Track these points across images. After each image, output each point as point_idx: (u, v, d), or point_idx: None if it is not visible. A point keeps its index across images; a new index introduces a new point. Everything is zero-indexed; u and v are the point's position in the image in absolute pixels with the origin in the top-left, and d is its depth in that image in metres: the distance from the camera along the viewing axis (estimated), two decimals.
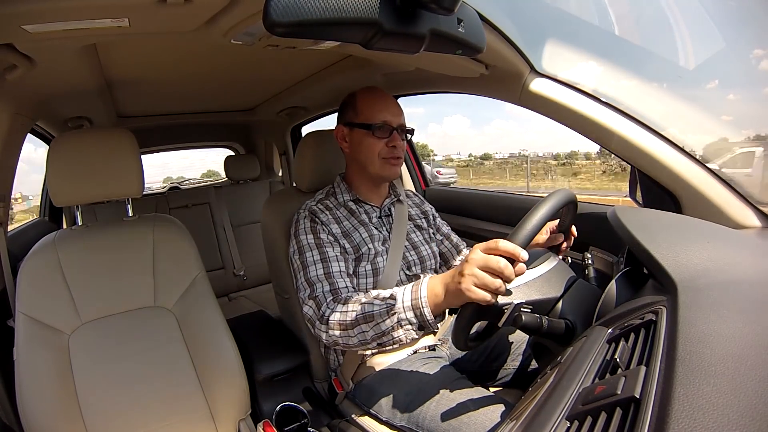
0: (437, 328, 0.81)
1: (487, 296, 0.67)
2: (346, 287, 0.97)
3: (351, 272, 1.03)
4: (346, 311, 0.88)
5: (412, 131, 1.13)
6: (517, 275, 0.67)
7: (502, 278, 0.66)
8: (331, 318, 0.90)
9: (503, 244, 0.67)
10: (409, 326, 0.80)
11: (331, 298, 0.94)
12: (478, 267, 0.67)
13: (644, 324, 0.51)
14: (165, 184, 5.50)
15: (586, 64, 1.05)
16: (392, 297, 0.82)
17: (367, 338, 0.85)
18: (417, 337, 0.82)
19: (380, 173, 1.08)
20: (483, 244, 0.69)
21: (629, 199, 1.08)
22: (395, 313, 0.80)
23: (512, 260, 0.67)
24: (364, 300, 0.87)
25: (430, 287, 0.78)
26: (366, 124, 1.06)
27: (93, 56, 1.02)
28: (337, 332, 0.89)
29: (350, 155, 1.12)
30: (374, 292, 0.89)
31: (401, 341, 0.82)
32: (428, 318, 0.78)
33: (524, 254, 0.66)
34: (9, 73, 0.85)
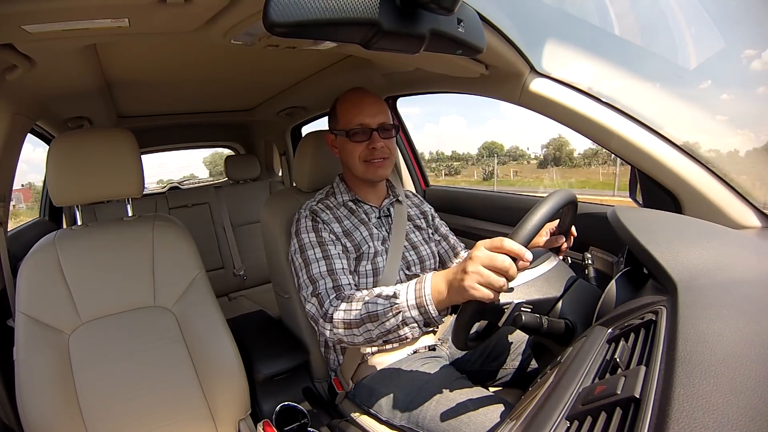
0: (442, 322, 0.81)
1: (490, 294, 0.66)
2: (349, 284, 0.97)
3: (353, 269, 1.04)
4: (350, 310, 0.88)
5: (397, 127, 1.11)
6: (510, 280, 0.67)
7: (506, 277, 0.66)
8: (335, 316, 0.89)
9: (508, 243, 0.66)
10: (414, 324, 0.80)
11: (335, 295, 0.94)
12: (483, 265, 0.67)
13: (644, 324, 0.52)
14: (159, 185, 5.48)
15: (585, 63, 1.05)
16: (395, 295, 0.82)
17: (372, 336, 0.85)
18: (422, 333, 0.82)
19: (365, 176, 1.08)
20: (487, 242, 0.69)
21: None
22: (399, 311, 0.80)
23: (515, 260, 0.67)
24: (367, 298, 0.87)
25: (433, 285, 0.78)
26: (344, 130, 1.07)
27: (93, 56, 1.02)
28: (341, 330, 0.88)
29: (340, 160, 1.14)
30: (377, 290, 0.88)
31: (407, 338, 0.82)
32: (433, 315, 0.78)
33: (528, 254, 0.66)
34: (9, 73, 0.85)
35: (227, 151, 3.10)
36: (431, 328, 0.84)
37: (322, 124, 2.40)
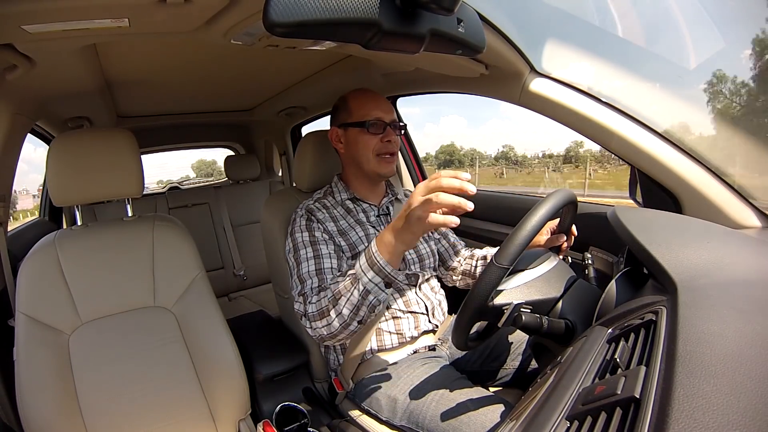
0: (401, 278, 0.81)
1: (445, 219, 0.68)
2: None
3: (344, 270, 1.03)
4: (320, 299, 0.89)
5: (405, 126, 1.15)
6: (463, 193, 0.67)
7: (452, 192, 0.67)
8: (310, 311, 0.90)
9: (442, 171, 0.69)
10: (375, 287, 0.80)
11: (315, 293, 0.94)
12: (423, 195, 0.69)
13: (644, 324, 0.51)
14: (158, 186, 5.48)
15: (585, 63, 1.05)
16: (351, 267, 0.84)
17: (345, 318, 0.84)
18: (386, 293, 0.82)
19: (376, 170, 1.09)
20: (422, 182, 0.72)
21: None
22: (358, 279, 0.81)
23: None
24: (330, 283, 0.89)
25: (378, 239, 0.80)
26: (360, 122, 1.07)
27: (93, 56, 1.02)
28: (319, 323, 0.88)
29: (346, 155, 1.13)
30: (339, 273, 0.90)
31: (378, 305, 0.83)
32: (388, 270, 0.79)
33: (465, 175, 0.68)
34: (9, 73, 0.85)
35: (211, 158, 3.11)
36: (392, 289, 0.83)
37: (322, 124, 2.41)
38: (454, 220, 0.67)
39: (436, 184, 0.68)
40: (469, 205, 0.66)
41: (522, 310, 0.71)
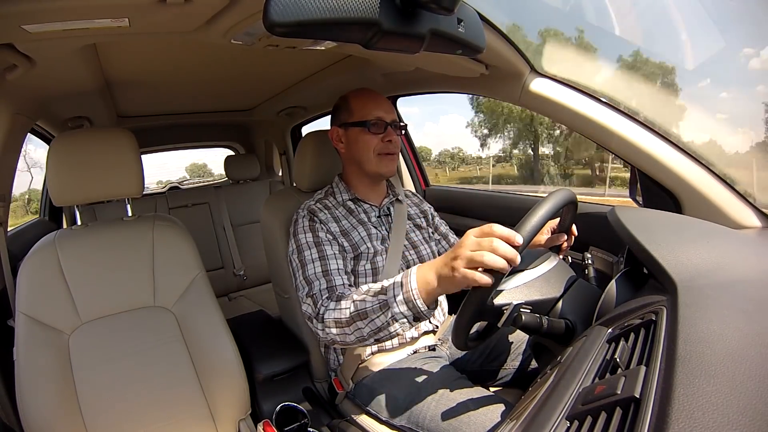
0: (432, 316, 0.79)
1: (488, 279, 0.65)
2: (343, 284, 0.97)
3: (349, 270, 1.03)
4: (341, 308, 0.87)
5: (405, 126, 1.15)
6: (510, 261, 0.65)
7: (501, 256, 0.65)
8: (326, 316, 0.89)
9: (498, 227, 0.66)
10: (404, 319, 0.79)
11: (327, 295, 0.94)
12: (472, 250, 0.66)
13: (644, 324, 0.52)
14: (158, 186, 5.46)
15: (585, 63, 1.05)
16: (383, 291, 0.81)
17: (363, 335, 0.84)
18: (413, 326, 0.80)
19: (377, 170, 1.09)
20: (476, 229, 0.69)
21: None
22: (388, 308, 0.79)
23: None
24: (356, 297, 0.86)
25: (420, 277, 0.77)
26: (361, 121, 1.07)
27: (93, 56, 1.02)
28: (333, 330, 0.88)
29: (347, 155, 1.13)
30: (365, 287, 0.88)
31: (398, 334, 0.82)
32: (422, 309, 0.77)
33: (519, 238, 0.65)
34: (9, 73, 0.85)
35: (202, 162, 3.11)
36: (421, 323, 0.81)
37: (322, 124, 2.41)
38: (492, 283, 0.66)
39: (489, 230, 0.67)
40: (517, 260, 0.64)
41: (522, 310, 0.71)
